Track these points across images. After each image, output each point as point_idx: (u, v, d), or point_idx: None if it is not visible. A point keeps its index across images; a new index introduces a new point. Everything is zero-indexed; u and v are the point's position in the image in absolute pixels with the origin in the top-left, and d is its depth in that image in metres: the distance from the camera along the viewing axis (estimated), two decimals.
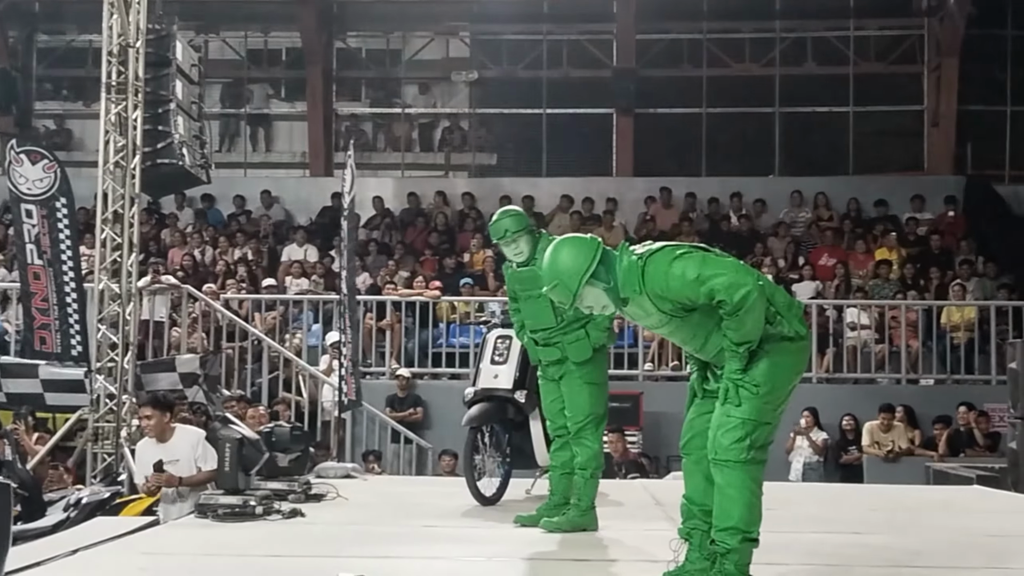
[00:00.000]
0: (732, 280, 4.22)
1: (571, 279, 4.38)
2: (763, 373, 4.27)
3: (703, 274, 4.25)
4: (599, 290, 4.40)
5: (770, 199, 17.09)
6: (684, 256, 4.33)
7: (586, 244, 4.45)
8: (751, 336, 4.25)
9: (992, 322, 13.48)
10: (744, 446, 4.20)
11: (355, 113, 20.29)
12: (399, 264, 15.53)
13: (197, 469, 7.17)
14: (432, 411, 13.31)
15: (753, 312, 4.23)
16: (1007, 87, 18.31)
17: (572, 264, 4.38)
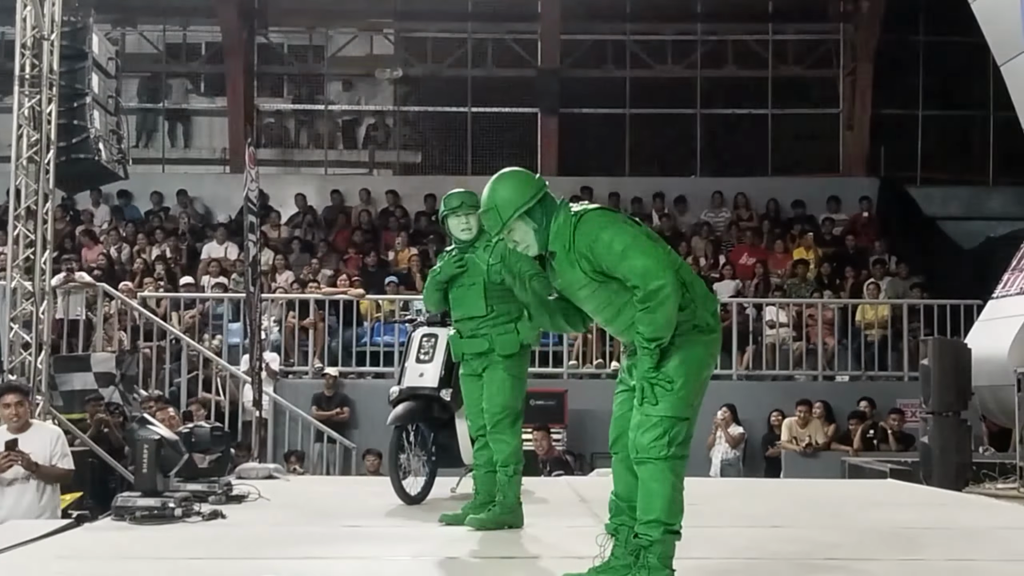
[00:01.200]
0: (651, 268, 4.21)
1: (505, 208, 4.39)
2: (675, 368, 4.26)
3: (628, 251, 4.24)
4: (529, 229, 4.41)
5: (691, 199, 17.31)
6: (617, 226, 4.32)
7: (530, 180, 4.48)
8: (662, 333, 4.22)
9: (905, 320, 13.81)
10: (664, 443, 4.21)
11: (277, 109, 20.07)
12: (322, 262, 15.41)
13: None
14: (356, 410, 13.25)
15: (664, 308, 4.20)
16: (919, 92, 18.78)
17: (511, 194, 4.39)
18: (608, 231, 4.29)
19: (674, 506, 4.24)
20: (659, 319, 4.20)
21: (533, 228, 4.40)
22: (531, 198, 4.40)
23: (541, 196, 4.42)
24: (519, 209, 4.38)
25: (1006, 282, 9.78)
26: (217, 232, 16.24)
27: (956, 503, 7.81)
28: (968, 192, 18.30)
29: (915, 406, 12.36)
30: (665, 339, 4.23)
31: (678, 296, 4.24)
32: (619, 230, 4.30)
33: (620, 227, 4.32)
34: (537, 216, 4.40)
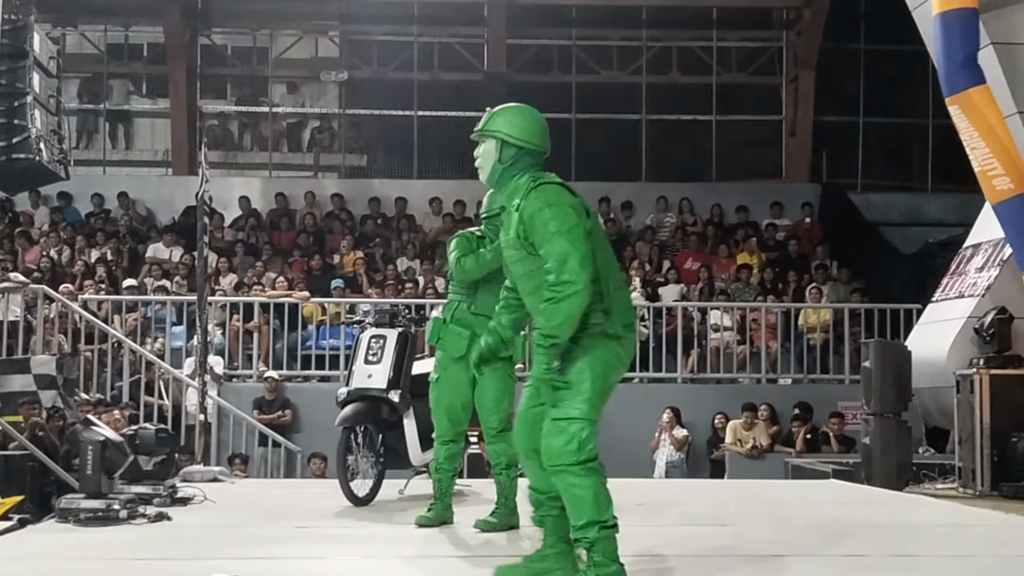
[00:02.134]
0: (572, 261, 4.19)
1: (499, 123, 4.57)
2: (580, 372, 4.27)
3: (559, 235, 4.24)
4: (495, 156, 4.53)
5: (637, 204, 17.41)
6: (563, 208, 4.31)
7: (542, 134, 4.60)
8: (558, 332, 4.19)
9: (846, 324, 13.99)
10: (574, 447, 4.21)
11: (220, 111, 19.89)
12: (267, 265, 15.30)
13: None
14: (301, 414, 13.16)
15: (568, 304, 4.18)
16: (860, 99, 19.07)
17: (515, 122, 4.57)
18: (553, 208, 4.30)
19: (600, 503, 4.24)
20: (559, 314, 4.18)
21: (497, 159, 4.52)
22: (520, 140, 4.52)
23: (528, 150, 4.53)
24: (504, 134, 4.51)
25: (945, 286, 9.96)
26: (165, 235, 16.04)
27: (897, 502, 7.95)
28: (907, 199, 18.61)
29: (856, 409, 12.54)
30: (560, 340, 4.21)
31: (584, 300, 4.21)
32: (563, 212, 4.30)
33: (565, 210, 4.31)
34: (507, 156, 4.52)
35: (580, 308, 4.21)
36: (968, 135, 8.50)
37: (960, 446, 8.84)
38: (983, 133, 8.41)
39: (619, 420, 13.18)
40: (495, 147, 4.53)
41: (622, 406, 13.36)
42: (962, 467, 8.85)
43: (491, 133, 4.56)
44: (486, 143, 4.59)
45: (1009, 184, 8.42)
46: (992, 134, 8.41)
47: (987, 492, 8.47)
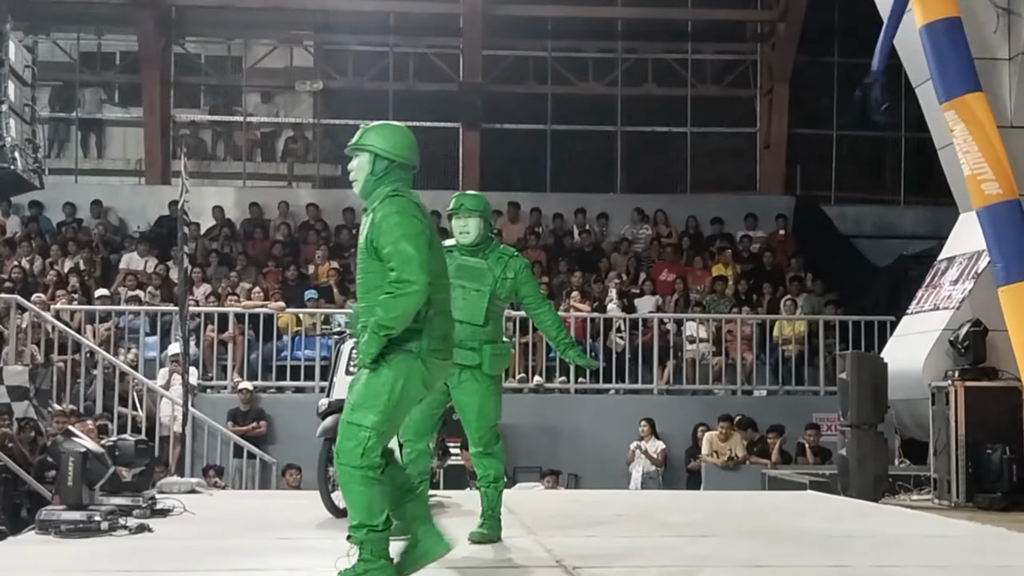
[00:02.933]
0: (415, 263, 4.48)
1: (373, 139, 4.77)
2: (383, 384, 4.53)
3: (405, 238, 4.51)
4: (367, 169, 4.76)
5: (613, 215, 17.45)
6: (411, 218, 4.57)
7: (406, 147, 4.83)
8: (393, 324, 4.49)
9: (821, 336, 14.09)
10: (359, 452, 4.48)
11: (194, 120, 19.78)
12: (241, 275, 15.21)
13: None
14: (276, 425, 13.10)
15: (406, 300, 4.47)
16: (833, 112, 19.21)
17: (389, 140, 4.79)
18: (402, 216, 4.59)
19: (373, 509, 4.51)
20: (398, 308, 4.48)
21: (369, 171, 4.76)
22: (392, 153, 4.76)
23: (399, 163, 4.77)
24: (377, 149, 4.74)
25: (920, 299, 10.03)
26: (138, 244, 15.92)
27: (875, 513, 8.00)
28: (880, 211, 18.75)
29: (831, 420, 12.61)
30: (395, 330, 4.51)
31: (420, 300, 4.51)
32: (410, 221, 4.58)
33: (413, 220, 4.58)
34: (379, 169, 4.75)
35: (415, 307, 4.52)
36: (962, 139, 8.60)
37: (935, 458, 8.89)
38: (977, 138, 8.52)
39: (596, 431, 13.27)
40: (368, 160, 4.77)
41: (599, 417, 13.49)
42: (937, 479, 8.90)
43: (364, 147, 4.80)
44: (359, 157, 4.81)
45: (997, 189, 8.52)
46: (986, 139, 8.52)
47: (962, 503, 8.53)
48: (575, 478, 13.04)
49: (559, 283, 15.45)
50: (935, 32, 8.68)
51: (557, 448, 13.14)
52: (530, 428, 13.41)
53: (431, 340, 4.62)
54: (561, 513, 7.46)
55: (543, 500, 9.21)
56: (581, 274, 15.27)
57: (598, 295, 14.91)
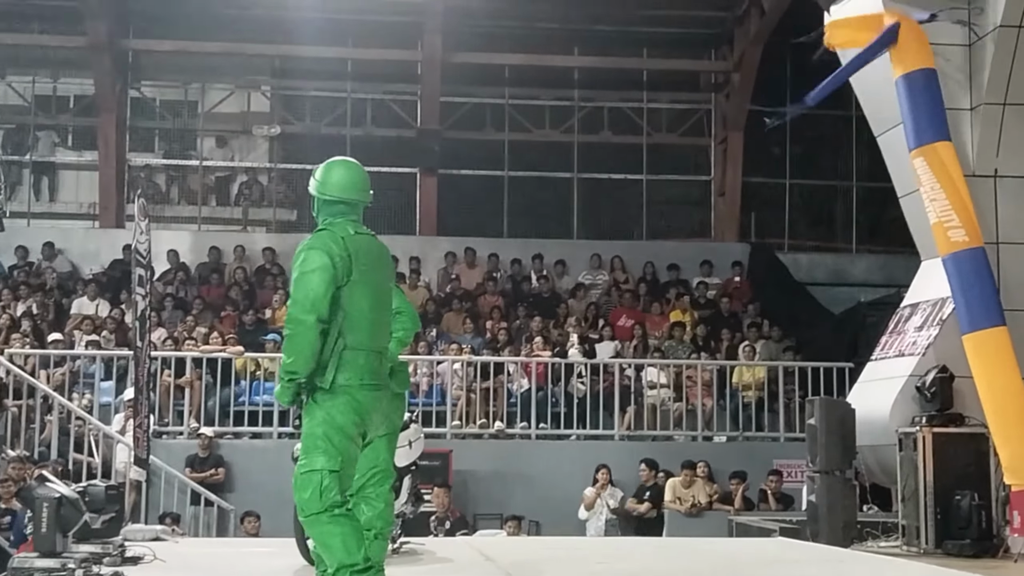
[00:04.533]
0: (305, 300, 4.57)
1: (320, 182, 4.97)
2: (318, 425, 4.59)
3: (306, 275, 4.63)
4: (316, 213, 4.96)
5: (570, 261, 17.50)
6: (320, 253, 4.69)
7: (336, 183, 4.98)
8: (295, 367, 4.57)
9: (780, 382, 14.17)
10: (316, 496, 4.49)
11: (148, 164, 19.59)
12: (197, 319, 15.02)
13: None
14: (234, 471, 12.89)
15: (297, 339, 4.56)
16: (786, 161, 19.50)
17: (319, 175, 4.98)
18: (310, 251, 4.72)
19: (349, 546, 4.49)
20: (293, 349, 4.57)
21: (316, 213, 4.98)
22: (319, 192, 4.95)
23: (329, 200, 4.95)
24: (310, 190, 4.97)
25: (884, 344, 10.13)
26: (89, 288, 15.66)
27: (845, 560, 8.01)
28: (833, 259, 18.99)
29: (793, 466, 12.70)
30: (299, 375, 4.57)
31: (311, 337, 4.57)
32: (314, 255, 4.69)
33: (318, 253, 4.69)
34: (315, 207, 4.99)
35: (310, 344, 4.56)
36: (930, 187, 8.75)
37: (904, 504, 8.95)
38: (945, 186, 8.67)
39: (556, 477, 13.20)
40: (316, 204, 5.01)
41: (559, 463, 13.43)
42: (906, 525, 8.95)
43: (321, 185, 5.03)
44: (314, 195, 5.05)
45: (964, 237, 8.66)
46: (953, 187, 8.67)
47: (931, 550, 8.58)
48: (536, 524, 12.95)
49: (517, 328, 15.45)
50: (913, 82, 8.84)
51: (517, 494, 13.06)
52: (490, 474, 13.33)
53: (349, 375, 4.63)
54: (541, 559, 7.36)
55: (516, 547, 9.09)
56: (540, 319, 15.28)
57: (558, 340, 14.91)
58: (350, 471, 4.65)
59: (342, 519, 4.46)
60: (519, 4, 18.03)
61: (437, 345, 14.79)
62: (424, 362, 14.10)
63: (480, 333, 15.27)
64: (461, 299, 16.08)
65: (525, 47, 18.62)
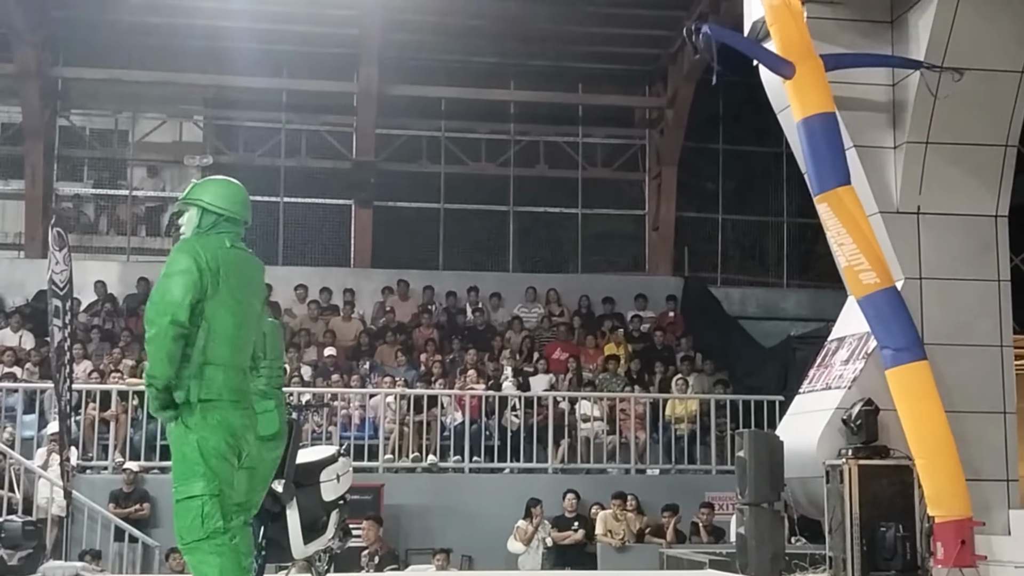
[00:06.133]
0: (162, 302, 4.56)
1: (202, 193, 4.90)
2: (192, 448, 4.55)
3: (168, 277, 4.62)
4: (195, 223, 4.86)
5: (505, 294, 17.50)
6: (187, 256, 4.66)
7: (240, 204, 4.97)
8: (154, 371, 4.56)
9: (712, 415, 14.27)
10: (199, 523, 4.43)
11: (77, 194, 19.28)
12: (124, 351, 14.77)
13: None
14: (160, 507, 12.63)
15: (154, 343, 4.55)
16: (719, 197, 19.74)
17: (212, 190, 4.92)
18: (180, 254, 4.71)
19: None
20: (150, 352, 4.58)
21: (197, 224, 4.87)
22: (218, 207, 4.89)
23: (228, 216, 4.90)
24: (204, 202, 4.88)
25: (812, 378, 10.21)
26: (11, 319, 15.34)
27: None
28: (765, 293, 19.22)
29: (724, 499, 12.74)
30: (157, 381, 4.55)
31: (167, 340, 4.52)
32: (184, 259, 4.66)
33: (187, 259, 4.65)
34: (206, 222, 4.87)
35: (166, 349, 4.50)
36: (836, 231, 8.84)
37: (831, 536, 9.00)
38: (850, 230, 8.77)
39: (488, 511, 13.13)
40: (196, 214, 4.88)
41: (493, 497, 13.35)
42: (833, 556, 9.00)
43: (192, 202, 4.92)
44: (189, 211, 4.93)
45: (875, 279, 8.76)
46: (859, 231, 8.77)
47: None
48: (468, 559, 12.85)
49: (451, 361, 15.39)
50: (811, 127, 8.93)
51: (450, 528, 12.96)
52: (423, 508, 13.22)
53: (208, 390, 4.57)
54: None
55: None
56: (475, 352, 15.24)
57: (492, 373, 14.88)
58: (229, 493, 4.55)
59: (224, 549, 4.36)
60: (456, 38, 18.10)
61: (370, 378, 14.68)
62: (356, 395, 13.98)
63: (414, 366, 15.19)
64: (395, 332, 15.99)
65: (461, 80, 18.68)
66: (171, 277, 4.57)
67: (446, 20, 17.51)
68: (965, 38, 9.06)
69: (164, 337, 4.47)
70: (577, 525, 12.83)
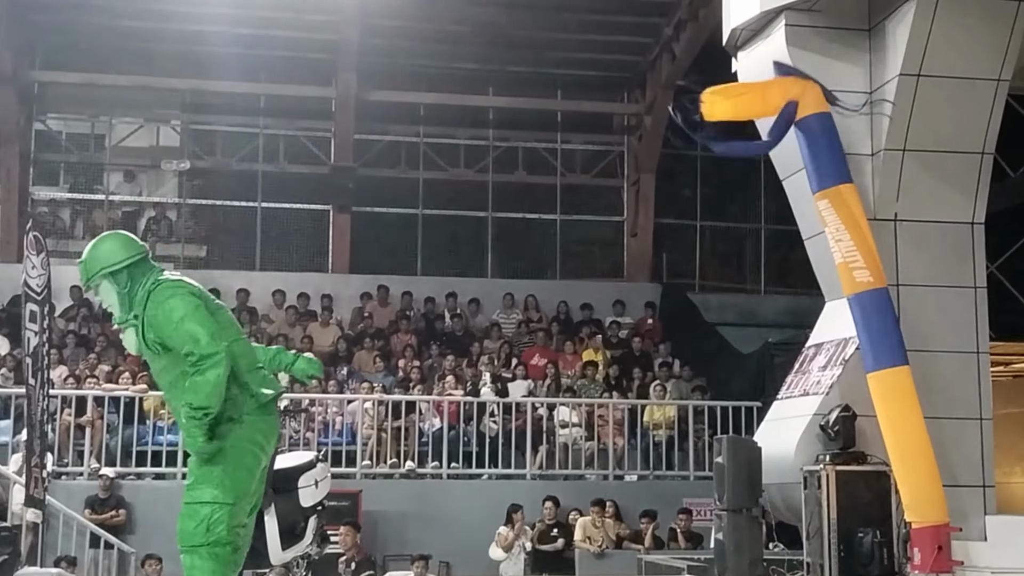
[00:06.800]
0: (204, 336, 4.54)
1: (93, 264, 4.81)
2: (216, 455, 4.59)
3: (186, 319, 4.60)
4: (113, 290, 4.79)
5: (484, 300, 17.49)
6: (183, 296, 4.67)
7: (130, 244, 4.91)
8: (209, 402, 4.50)
9: (690, 421, 14.30)
10: (203, 529, 4.51)
11: (53, 198, 19.14)
12: (100, 357, 14.67)
13: None
14: (136, 513, 12.57)
15: (213, 372, 4.51)
16: (697, 203, 19.80)
17: (104, 254, 4.82)
18: (174, 298, 4.68)
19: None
20: (207, 384, 4.50)
21: (116, 290, 4.79)
22: (122, 261, 4.80)
23: (132, 261, 4.82)
24: (105, 268, 4.77)
25: (790, 384, 10.24)
26: None
27: None
28: (743, 299, 19.28)
29: (702, 505, 12.77)
30: (212, 409, 4.51)
31: (226, 369, 4.56)
32: (183, 299, 4.68)
33: (186, 297, 4.69)
34: (122, 280, 4.78)
35: (223, 378, 4.53)
36: (835, 228, 8.90)
37: (809, 541, 9.03)
38: (849, 227, 8.83)
39: (467, 517, 13.11)
40: (109, 283, 4.82)
41: (471, 503, 13.33)
42: (811, 563, 9.03)
43: (96, 276, 4.83)
44: (102, 286, 4.87)
45: (868, 277, 8.81)
46: (857, 228, 8.83)
47: None
48: (446, 566, 12.82)
49: (430, 367, 15.37)
50: (808, 127, 9.02)
51: (428, 535, 12.93)
52: (401, 514, 13.19)
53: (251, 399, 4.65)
54: None
55: None
56: (453, 358, 15.22)
57: (471, 379, 14.87)
58: (242, 508, 4.57)
59: (221, 557, 4.44)
60: (435, 44, 18.10)
61: (348, 383, 14.64)
62: (334, 401, 13.94)
63: (392, 372, 15.16)
64: (373, 337, 15.95)
65: (440, 86, 18.69)
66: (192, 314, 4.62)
67: (425, 26, 17.50)
68: (942, 46, 9.12)
69: (222, 364, 4.50)
70: (556, 532, 12.81)
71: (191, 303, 4.64)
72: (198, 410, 4.46)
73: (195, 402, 4.45)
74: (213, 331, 4.56)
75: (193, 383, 4.46)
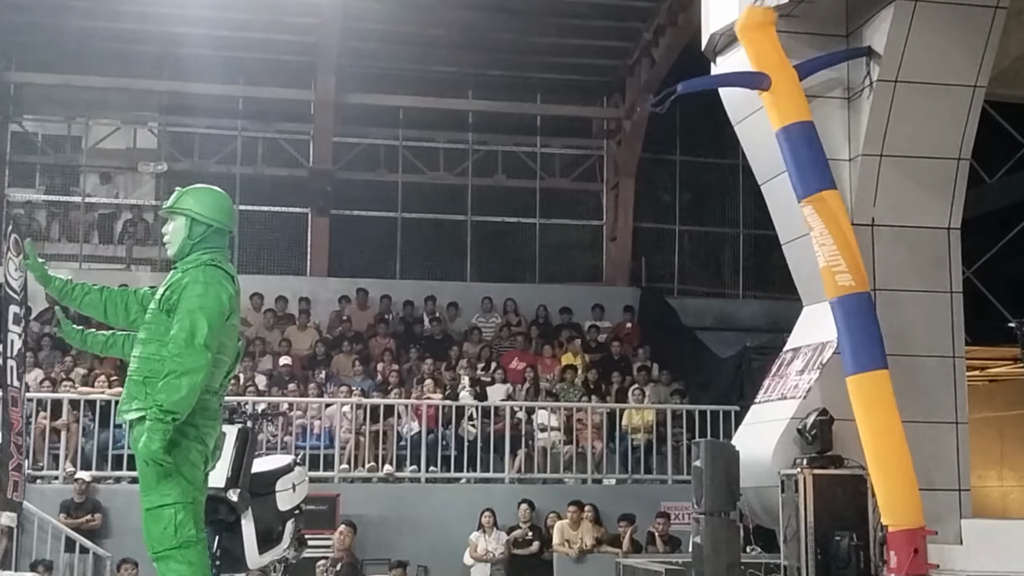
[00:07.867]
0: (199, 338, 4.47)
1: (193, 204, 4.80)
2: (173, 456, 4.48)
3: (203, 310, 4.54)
4: (184, 233, 4.79)
5: (463, 303, 17.47)
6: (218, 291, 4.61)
7: (229, 215, 4.93)
8: (179, 409, 4.42)
9: (668, 425, 14.31)
10: (171, 531, 4.42)
11: (29, 200, 19.02)
12: (76, 360, 14.57)
13: None
14: (111, 517, 12.48)
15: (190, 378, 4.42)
16: (676, 208, 19.86)
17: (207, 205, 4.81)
18: (208, 287, 4.61)
19: None
20: (182, 388, 4.41)
21: (186, 235, 4.80)
22: (209, 218, 4.80)
23: (216, 227, 4.83)
24: (196, 214, 4.78)
25: (767, 388, 10.29)
26: None
27: None
28: (721, 304, 19.34)
29: (681, 508, 12.79)
30: (180, 415, 4.43)
31: (205, 379, 4.50)
32: (215, 296, 4.61)
33: (218, 296, 4.62)
34: (196, 233, 4.80)
35: (199, 387, 4.46)
36: (819, 233, 8.97)
37: (786, 545, 9.06)
38: (833, 232, 8.90)
39: (445, 521, 13.08)
40: (185, 224, 4.81)
41: (450, 507, 13.30)
42: (788, 566, 9.06)
43: (181, 211, 4.84)
44: (176, 220, 4.85)
45: (850, 281, 8.88)
46: (840, 233, 8.91)
47: None
48: (424, 570, 12.79)
49: (408, 370, 15.34)
50: (791, 135, 9.07)
51: (407, 539, 12.89)
52: (379, 518, 13.13)
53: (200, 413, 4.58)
54: None
55: None
56: (432, 361, 15.19)
57: (450, 383, 14.85)
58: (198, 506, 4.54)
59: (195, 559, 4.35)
60: (414, 47, 18.08)
61: (326, 387, 14.59)
62: (312, 404, 13.89)
63: (371, 375, 15.12)
64: (352, 341, 15.90)
65: (420, 89, 18.66)
66: (209, 312, 4.52)
67: (404, 29, 17.49)
68: (919, 52, 9.19)
69: (202, 373, 4.44)
70: (532, 536, 12.80)
71: (217, 304, 4.57)
72: (167, 413, 4.36)
73: (165, 404, 4.35)
74: (208, 338, 4.47)
75: (168, 383, 4.37)
